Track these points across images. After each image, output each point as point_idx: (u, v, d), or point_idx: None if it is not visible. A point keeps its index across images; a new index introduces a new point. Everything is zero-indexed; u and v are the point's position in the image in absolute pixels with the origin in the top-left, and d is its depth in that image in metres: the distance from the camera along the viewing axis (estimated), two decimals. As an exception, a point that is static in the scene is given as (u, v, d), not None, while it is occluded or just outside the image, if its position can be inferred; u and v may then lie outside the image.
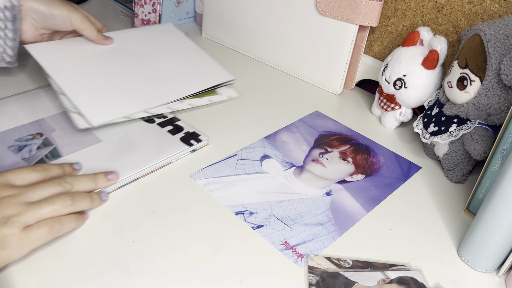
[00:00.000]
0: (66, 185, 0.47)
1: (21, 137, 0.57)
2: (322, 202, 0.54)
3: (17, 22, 0.60)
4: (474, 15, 0.62)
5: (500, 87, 0.51)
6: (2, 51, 0.60)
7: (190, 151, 0.59)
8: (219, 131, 0.64)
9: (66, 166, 0.51)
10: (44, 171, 0.48)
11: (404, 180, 0.59)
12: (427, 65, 0.61)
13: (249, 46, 0.84)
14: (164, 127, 0.61)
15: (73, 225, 0.45)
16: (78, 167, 0.52)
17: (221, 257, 0.46)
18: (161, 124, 0.62)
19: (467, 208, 0.55)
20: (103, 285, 0.41)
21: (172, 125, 0.62)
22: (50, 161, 0.54)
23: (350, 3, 0.68)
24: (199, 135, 0.60)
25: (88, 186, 0.49)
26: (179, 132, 0.60)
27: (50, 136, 0.57)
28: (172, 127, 0.61)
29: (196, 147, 0.59)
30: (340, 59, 0.73)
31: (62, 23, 0.64)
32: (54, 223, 0.43)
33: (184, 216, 0.50)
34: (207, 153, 0.59)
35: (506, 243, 0.44)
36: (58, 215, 0.44)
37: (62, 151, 0.55)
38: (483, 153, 0.54)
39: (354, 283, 0.44)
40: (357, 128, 0.68)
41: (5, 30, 0.59)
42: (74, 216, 0.46)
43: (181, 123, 0.62)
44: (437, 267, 0.47)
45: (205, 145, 0.60)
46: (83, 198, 0.47)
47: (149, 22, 0.88)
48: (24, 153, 0.54)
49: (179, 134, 0.60)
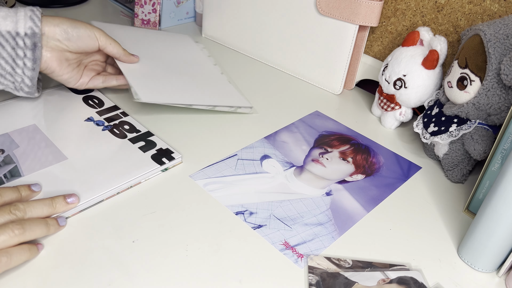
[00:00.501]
0: (17, 212, 0.43)
1: None
2: (322, 202, 0.54)
3: (38, 51, 0.55)
4: (474, 15, 0.62)
5: (500, 87, 0.51)
6: (20, 81, 0.57)
7: (162, 170, 0.55)
8: (219, 131, 0.64)
9: (22, 189, 0.47)
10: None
11: (404, 180, 0.59)
12: (427, 65, 0.61)
13: (249, 46, 0.84)
14: (136, 143, 0.58)
15: (24, 257, 0.42)
16: (36, 188, 0.48)
17: (221, 257, 0.46)
18: (132, 140, 0.58)
19: (467, 208, 0.55)
20: (103, 285, 0.41)
21: (145, 140, 0.58)
22: (9, 181, 0.50)
23: (350, 3, 0.68)
24: (173, 152, 0.57)
25: (44, 211, 0.45)
26: (151, 149, 0.57)
27: (12, 153, 0.53)
28: (144, 143, 0.58)
29: (168, 166, 0.55)
30: (340, 59, 0.73)
31: (88, 41, 0.60)
32: (1, 256, 0.40)
33: (184, 216, 0.50)
34: (207, 154, 0.59)
35: (506, 243, 0.44)
36: (5, 246, 0.41)
37: (23, 170, 0.51)
38: (483, 153, 0.54)
39: (354, 283, 0.44)
40: (357, 128, 0.68)
41: (24, 59, 0.55)
42: (26, 247, 0.42)
43: (154, 139, 0.59)
44: (437, 267, 0.47)
45: (179, 163, 0.57)
46: (36, 225, 0.43)
47: (149, 22, 0.88)
48: None
49: (151, 151, 0.56)
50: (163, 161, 0.55)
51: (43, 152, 0.54)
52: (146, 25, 0.88)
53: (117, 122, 0.61)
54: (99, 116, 0.62)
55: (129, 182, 0.52)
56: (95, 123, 0.61)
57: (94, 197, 0.49)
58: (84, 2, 0.99)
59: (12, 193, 0.46)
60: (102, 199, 0.50)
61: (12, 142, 0.55)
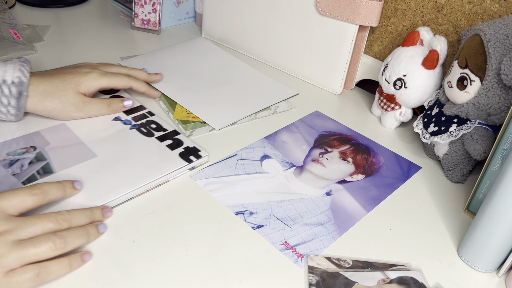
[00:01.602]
0: (63, 223, 0.42)
1: (13, 150, 0.54)
2: (322, 202, 0.54)
3: (22, 100, 0.55)
4: (474, 15, 0.62)
5: (500, 87, 0.51)
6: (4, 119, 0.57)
7: (189, 168, 0.56)
8: (219, 130, 0.64)
9: (67, 185, 0.47)
10: (42, 195, 0.43)
11: (404, 180, 0.59)
12: (427, 65, 0.61)
13: (249, 46, 0.84)
14: (163, 141, 0.59)
15: (62, 272, 0.41)
16: (79, 186, 0.48)
17: (221, 257, 0.46)
18: (159, 138, 0.59)
19: (467, 208, 0.55)
20: (103, 285, 0.41)
21: (172, 139, 0.59)
22: (42, 177, 0.51)
23: (350, 3, 0.68)
24: (199, 151, 0.58)
25: (84, 222, 0.45)
26: (178, 147, 0.58)
27: (44, 150, 0.55)
28: (172, 141, 0.59)
29: (196, 164, 0.56)
30: (340, 59, 0.73)
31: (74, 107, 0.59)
32: (40, 268, 0.39)
33: (184, 216, 0.50)
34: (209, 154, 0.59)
35: (506, 243, 0.44)
36: (42, 258, 0.40)
37: (55, 167, 0.52)
38: (483, 153, 0.54)
39: (354, 283, 0.44)
40: (357, 128, 0.68)
41: (7, 107, 0.55)
42: (66, 262, 0.41)
43: (181, 137, 0.60)
44: (437, 267, 0.47)
45: (205, 162, 0.57)
46: (78, 237, 0.43)
47: (149, 22, 0.88)
48: (15, 168, 0.51)
49: (178, 150, 0.57)
50: (190, 159, 0.56)
51: (73, 150, 0.56)
52: (146, 25, 0.88)
53: (144, 121, 0.62)
54: (126, 115, 0.63)
55: (159, 179, 0.53)
56: (123, 122, 0.62)
57: (125, 193, 0.50)
58: (84, 2, 0.99)
59: (57, 191, 0.46)
60: (132, 196, 0.51)
61: (43, 140, 0.57)
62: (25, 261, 0.39)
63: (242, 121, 0.66)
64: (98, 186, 0.50)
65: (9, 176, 0.50)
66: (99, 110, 0.61)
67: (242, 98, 0.71)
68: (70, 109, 0.59)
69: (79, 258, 0.42)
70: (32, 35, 0.82)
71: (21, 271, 0.38)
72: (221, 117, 0.66)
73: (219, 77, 0.76)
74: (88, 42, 0.83)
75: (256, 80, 0.77)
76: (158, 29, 0.89)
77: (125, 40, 0.85)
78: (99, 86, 0.61)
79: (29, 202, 0.42)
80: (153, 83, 0.70)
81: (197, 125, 0.64)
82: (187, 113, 0.66)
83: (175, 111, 0.66)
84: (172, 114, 0.65)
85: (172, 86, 0.71)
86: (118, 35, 0.87)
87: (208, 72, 0.77)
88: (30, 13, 0.91)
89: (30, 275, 0.39)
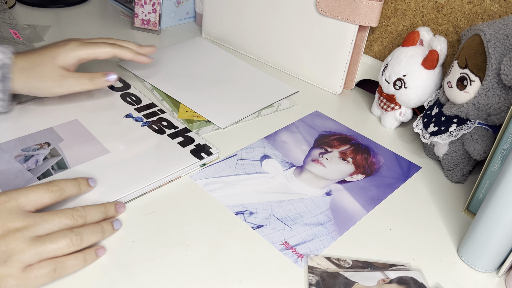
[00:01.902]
0: (79, 219, 0.43)
1: (28, 146, 0.55)
2: (322, 202, 0.54)
3: (7, 82, 0.55)
4: (474, 15, 0.62)
5: (500, 87, 0.51)
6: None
7: (200, 165, 0.56)
8: (219, 130, 0.64)
9: (82, 182, 0.47)
10: (59, 192, 0.44)
11: (404, 180, 0.59)
12: (427, 65, 0.61)
13: (249, 46, 0.84)
14: (174, 138, 0.59)
15: (78, 267, 0.42)
16: (93, 183, 0.49)
17: (221, 257, 0.46)
18: (171, 136, 0.60)
19: (467, 208, 0.55)
20: (103, 285, 0.41)
21: (183, 136, 0.60)
22: (57, 172, 0.52)
23: (350, 3, 0.68)
24: (210, 148, 0.58)
25: (99, 218, 0.46)
26: (189, 144, 0.58)
27: (58, 146, 0.55)
28: (183, 139, 0.59)
29: (207, 161, 0.57)
30: (340, 59, 0.73)
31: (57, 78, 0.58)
32: (56, 264, 0.40)
33: (184, 216, 0.50)
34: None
35: (506, 243, 0.44)
36: (59, 254, 0.40)
37: (69, 163, 0.53)
38: (483, 153, 0.54)
39: (354, 283, 0.44)
40: (357, 128, 0.68)
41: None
42: (81, 257, 0.42)
43: (192, 134, 0.60)
44: (437, 267, 0.47)
45: (216, 159, 0.58)
46: (93, 234, 0.43)
47: (149, 22, 0.88)
48: (30, 163, 0.52)
49: (189, 147, 0.58)
50: (202, 156, 0.57)
51: (87, 146, 0.56)
52: (146, 25, 0.88)
53: (155, 119, 0.63)
54: (138, 112, 0.64)
55: (171, 175, 0.53)
56: (134, 119, 0.62)
57: (138, 189, 0.51)
58: (84, 2, 0.99)
59: (73, 188, 0.46)
60: (145, 192, 0.52)
61: (56, 136, 0.57)
62: (43, 257, 0.39)
63: (246, 119, 0.66)
64: (111, 182, 0.51)
65: (25, 171, 0.51)
66: (81, 84, 0.59)
67: (244, 96, 0.71)
68: (50, 84, 0.57)
69: (93, 253, 0.43)
70: (32, 35, 0.82)
71: (38, 266, 0.39)
72: (226, 115, 0.66)
73: (220, 76, 0.76)
74: (88, 42, 0.83)
75: (256, 78, 0.77)
76: (158, 29, 0.89)
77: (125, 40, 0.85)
78: (78, 57, 0.59)
79: (47, 199, 0.43)
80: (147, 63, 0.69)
81: (202, 124, 0.64)
82: (191, 112, 0.66)
83: (179, 110, 0.66)
84: (176, 114, 0.65)
85: (174, 86, 0.71)
86: (118, 35, 0.87)
87: (209, 71, 0.77)
88: (30, 13, 0.91)
89: (47, 270, 0.39)
